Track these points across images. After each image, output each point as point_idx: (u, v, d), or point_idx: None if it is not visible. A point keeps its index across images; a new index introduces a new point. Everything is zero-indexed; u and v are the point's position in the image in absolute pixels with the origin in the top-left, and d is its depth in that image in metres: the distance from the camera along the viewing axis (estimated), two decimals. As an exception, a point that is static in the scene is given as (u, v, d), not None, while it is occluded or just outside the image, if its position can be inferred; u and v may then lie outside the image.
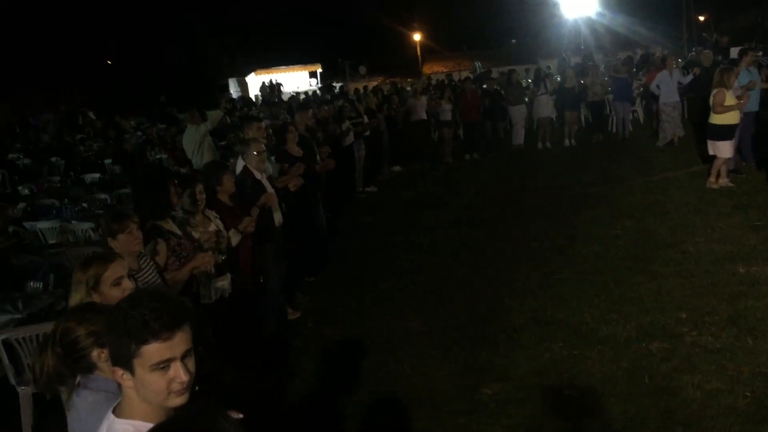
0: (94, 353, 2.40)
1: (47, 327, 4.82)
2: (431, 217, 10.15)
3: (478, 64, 29.72)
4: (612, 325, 5.64)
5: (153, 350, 1.81)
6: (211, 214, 5.24)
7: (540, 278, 7.01)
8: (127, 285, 3.13)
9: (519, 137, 15.64)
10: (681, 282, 6.37)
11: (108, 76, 37.24)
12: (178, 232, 4.67)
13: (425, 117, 14.68)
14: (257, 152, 6.17)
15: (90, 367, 2.41)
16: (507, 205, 10.40)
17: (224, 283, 4.96)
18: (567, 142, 15.27)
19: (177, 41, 36.15)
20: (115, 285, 3.07)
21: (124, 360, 1.84)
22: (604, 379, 4.81)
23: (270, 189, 6.25)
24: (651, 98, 14.70)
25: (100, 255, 3.28)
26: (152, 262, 4.20)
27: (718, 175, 9.45)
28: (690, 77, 13.26)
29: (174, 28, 36.12)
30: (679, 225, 8.15)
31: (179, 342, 1.84)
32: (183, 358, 1.85)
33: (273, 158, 7.31)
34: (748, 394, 4.35)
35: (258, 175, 6.17)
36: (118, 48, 37.14)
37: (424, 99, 14.99)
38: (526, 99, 16.14)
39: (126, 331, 1.81)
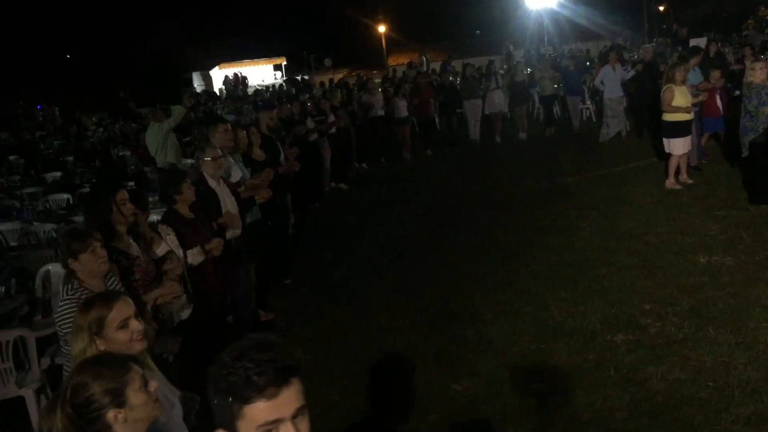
0: (110, 414, 2.11)
1: (11, 334, 4.76)
2: (398, 214, 10.18)
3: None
4: (578, 318, 5.73)
5: (258, 410, 1.56)
6: (164, 230, 4.82)
7: (508, 272, 7.08)
8: (135, 326, 2.75)
9: (475, 132, 15.68)
10: (644, 273, 6.50)
11: (67, 71, 36.52)
12: (135, 252, 4.30)
13: (383, 113, 14.56)
14: (213, 158, 5.69)
15: (104, 430, 2.13)
16: (473, 199, 10.46)
17: (180, 305, 4.68)
18: (521, 135, 15.42)
19: (139, 35, 35.60)
20: (122, 328, 2.71)
21: (227, 422, 1.60)
22: (572, 372, 4.89)
23: (228, 198, 5.82)
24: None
25: (101, 295, 2.95)
26: (120, 284, 3.88)
27: (677, 173, 9.35)
28: (632, 72, 13.49)
29: (136, 21, 35.56)
30: (642, 216, 8.30)
31: (288, 399, 1.59)
32: (294, 418, 1.60)
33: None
34: (711, 383, 4.46)
35: (213, 183, 5.71)
36: (79, 42, 36.43)
37: (380, 95, 14.92)
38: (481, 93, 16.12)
39: (227, 388, 1.57)
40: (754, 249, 6.75)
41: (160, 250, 4.66)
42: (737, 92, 10.30)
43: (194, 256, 4.95)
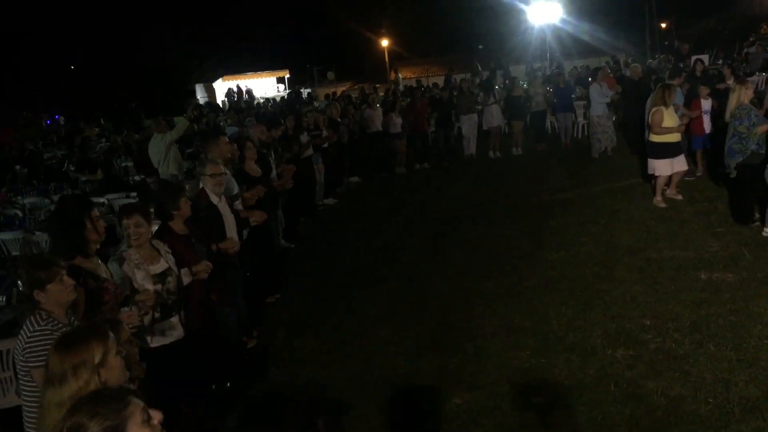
0: None
1: (11, 343, 4.76)
2: (398, 226, 10.19)
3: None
4: (579, 333, 5.74)
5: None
6: (162, 247, 4.60)
7: (509, 285, 7.09)
8: (132, 350, 2.66)
9: (471, 146, 15.69)
10: (645, 289, 6.51)
11: (71, 81, 36.71)
12: (104, 273, 4.10)
13: (381, 128, 14.54)
14: (212, 174, 5.61)
15: None
16: (472, 213, 10.48)
17: (171, 326, 4.46)
18: (514, 150, 15.48)
19: (142, 47, 35.81)
20: (117, 354, 2.61)
21: None
22: (572, 387, 4.89)
23: (228, 215, 5.75)
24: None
25: (92, 327, 2.69)
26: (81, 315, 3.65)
27: (663, 191, 9.37)
28: (611, 93, 13.62)
29: (140, 33, 35.76)
30: (643, 232, 8.31)
31: None
32: None
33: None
34: (711, 400, 4.46)
35: (215, 199, 5.64)
36: (83, 53, 36.62)
37: (380, 110, 14.93)
38: (479, 107, 16.11)
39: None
40: (755, 266, 6.76)
41: (159, 267, 4.46)
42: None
43: (183, 278, 4.71)
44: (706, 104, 10.21)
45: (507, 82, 18.71)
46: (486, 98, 15.70)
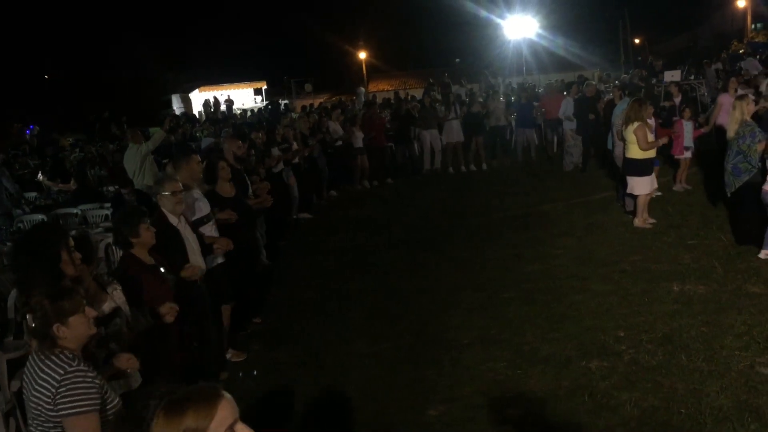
0: None
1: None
2: (374, 239, 10.18)
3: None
4: (553, 344, 5.77)
5: None
6: (111, 284, 4.04)
7: (485, 298, 7.12)
8: (242, 430, 1.95)
9: (434, 161, 15.71)
10: (619, 300, 6.57)
11: (45, 91, 36.33)
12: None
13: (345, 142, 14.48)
14: (172, 192, 5.10)
15: None
16: (447, 226, 10.53)
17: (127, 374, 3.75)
18: (474, 166, 15.56)
19: (120, 56, 35.60)
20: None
21: None
22: (546, 398, 4.91)
23: (191, 236, 5.28)
24: (555, 123, 15.26)
25: (195, 392, 1.93)
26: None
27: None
28: (570, 101, 13.89)
29: (116, 43, 35.57)
30: (616, 244, 8.40)
31: None
32: None
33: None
34: (683, 411, 4.50)
35: (174, 221, 5.13)
36: (59, 63, 36.29)
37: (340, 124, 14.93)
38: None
39: None
40: (726, 278, 6.86)
41: (106, 307, 3.89)
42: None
43: (145, 319, 4.14)
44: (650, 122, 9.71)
45: (464, 100, 18.71)
46: (446, 113, 15.73)
